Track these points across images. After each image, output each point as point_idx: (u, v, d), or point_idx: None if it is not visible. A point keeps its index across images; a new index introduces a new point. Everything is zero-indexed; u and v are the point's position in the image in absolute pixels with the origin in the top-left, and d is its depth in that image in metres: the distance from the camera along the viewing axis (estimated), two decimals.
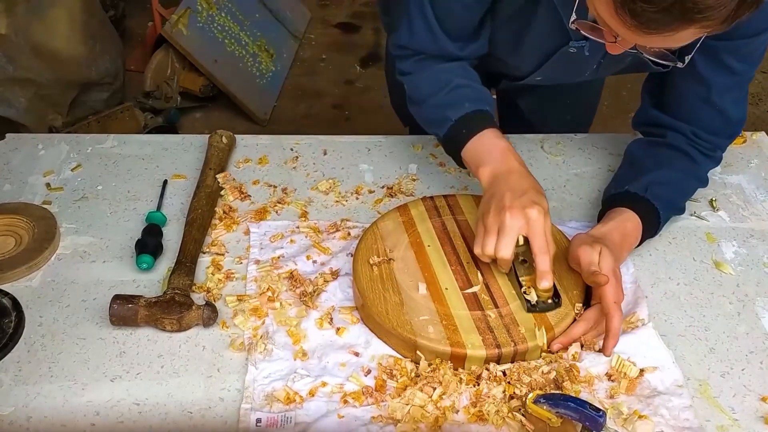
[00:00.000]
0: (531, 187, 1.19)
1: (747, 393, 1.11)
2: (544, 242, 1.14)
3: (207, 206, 1.38)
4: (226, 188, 1.45)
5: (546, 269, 1.13)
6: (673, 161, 1.34)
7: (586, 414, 1.00)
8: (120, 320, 1.16)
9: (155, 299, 1.18)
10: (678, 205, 1.36)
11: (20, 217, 1.34)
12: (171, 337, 1.17)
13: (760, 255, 1.36)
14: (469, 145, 1.29)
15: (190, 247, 1.29)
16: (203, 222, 1.35)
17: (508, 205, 1.15)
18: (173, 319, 1.16)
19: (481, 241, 1.17)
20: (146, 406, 1.07)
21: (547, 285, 1.14)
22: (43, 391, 1.09)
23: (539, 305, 1.15)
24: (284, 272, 1.28)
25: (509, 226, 1.14)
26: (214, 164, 1.48)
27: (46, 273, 1.28)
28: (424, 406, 1.06)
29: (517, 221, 1.14)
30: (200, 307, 1.17)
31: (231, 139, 1.56)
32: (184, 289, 1.21)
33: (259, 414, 1.06)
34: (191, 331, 1.18)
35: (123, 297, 1.17)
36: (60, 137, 1.60)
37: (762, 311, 1.25)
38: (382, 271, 1.23)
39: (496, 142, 1.28)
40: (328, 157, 1.57)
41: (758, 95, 3.95)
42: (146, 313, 1.16)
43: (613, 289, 1.14)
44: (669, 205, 1.32)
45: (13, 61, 2.96)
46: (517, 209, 1.14)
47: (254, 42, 3.89)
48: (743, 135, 1.63)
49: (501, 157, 1.25)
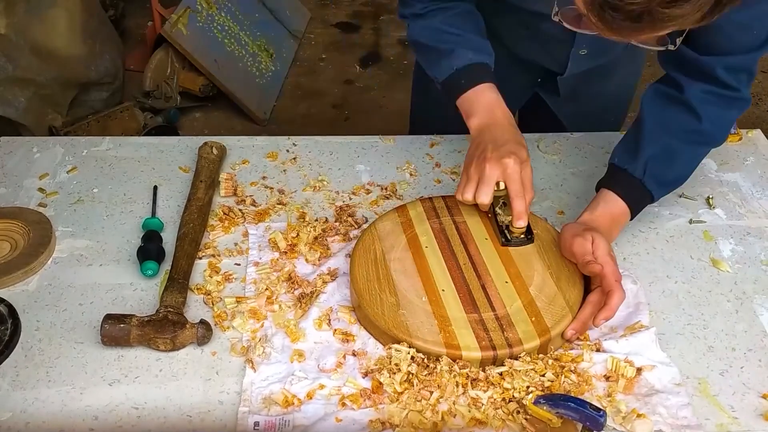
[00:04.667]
0: (511, 139, 1.29)
1: (746, 391, 1.11)
2: (519, 187, 1.26)
3: (198, 220, 1.35)
4: (222, 184, 1.46)
5: (521, 210, 1.26)
6: (681, 128, 1.30)
7: (586, 414, 1.00)
8: (112, 341, 1.14)
9: (148, 318, 1.15)
10: (676, 179, 1.35)
11: (15, 221, 1.34)
12: None
13: (757, 252, 1.35)
14: (465, 96, 1.37)
15: (183, 263, 1.27)
16: (195, 236, 1.32)
17: (489, 156, 1.26)
18: (167, 338, 1.13)
19: (462, 188, 1.29)
20: (145, 410, 1.07)
21: (522, 224, 1.27)
22: (41, 396, 1.09)
23: (513, 240, 1.28)
24: (283, 274, 1.28)
25: (488, 175, 1.25)
26: (204, 176, 1.45)
27: (43, 277, 1.28)
28: (422, 411, 1.06)
29: (495, 170, 1.25)
30: (194, 325, 1.15)
31: (221, 150, 1.53)
32: (177, 306, 1.18)
33: (257, 417, 1.06)
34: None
35: (114, 316, 1.15)
36: (55, 140, 1.60)
37: (760, 308, 1.24)
38: (379, 272, 1.23)
39: (488, 96, 1.36)
40: (324, 158, 1.57)
41: (758, 95, 3.95)
42: (139, 333, 1.13)
43: (611, 269, 1.18)
44: (666, 183, 1.32)
45: (13, 61, 2.96)
46: (495, 159, 1.25)
47: (254, 42, 3.89)
48: (739, 133, 1.63)
49: (489, 110, 1.35)
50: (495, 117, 1.33)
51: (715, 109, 1.28)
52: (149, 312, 1.20)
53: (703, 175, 1.53)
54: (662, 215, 1.43)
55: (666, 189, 1.34)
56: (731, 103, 1.30)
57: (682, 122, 1.29)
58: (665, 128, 1.30)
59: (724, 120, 1.32)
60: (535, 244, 1.28)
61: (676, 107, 1.30)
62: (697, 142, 1.32)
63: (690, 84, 1.28)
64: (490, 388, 1.08)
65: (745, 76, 1.29)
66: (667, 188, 1.34)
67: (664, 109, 1.31)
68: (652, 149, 1.29)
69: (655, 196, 1.31)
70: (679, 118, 1.30)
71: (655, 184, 1.29)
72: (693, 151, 1.33)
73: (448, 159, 1.57)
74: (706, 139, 1.32)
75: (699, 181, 1.52)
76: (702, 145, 1.33)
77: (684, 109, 1.29)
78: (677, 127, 1.29)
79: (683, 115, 1.29)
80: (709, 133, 1.30)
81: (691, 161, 1.34)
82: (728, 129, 1.34)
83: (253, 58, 3.83)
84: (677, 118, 1.30)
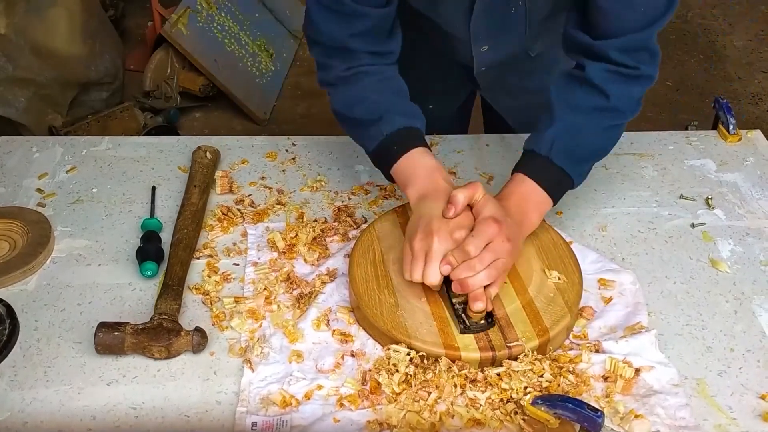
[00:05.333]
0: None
1: (744, 392, 1.11)
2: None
3: (193, 225, 1.34)
4: (218, 181, 1.46)
5: (478, 291, 1.11)
6: (589, 106, 1.28)
7: (584, 414, 1.00)
8: (106, 349, 1.13)
9: (142, 326, 1.14)
10: (590, 154, 1.31)
11: (14, 221, 1.34)
12: None
13: (756, 253, 1.35)
14: (399, 163, 1.27)
15: (177, 270, 1.25)
16: (189, 242, 1.31)
17: (435, 229, 1.13)
18: (161, 346, 1.12)
19: (409, 267, 1.14)
20: (143, 410, 1.07)
21: (480, 306, 1.10)
22: (39, 395, 1.09)
23: (472, 326, 1.12)
24: (281, 274, 1.28)
25: (436, 251, 1.12)
26: (198, 181, 1.44)
27: (41, 277, 1.28)
28: (420, 411, 1.06)
29: (444, 245, 1.12)
30: (189, 332, 1.14)
31: (215, 154, 1.52)
32: (171, 314, 1.17)
33: (255, 417, 1.05)
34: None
35: (108, 324, 1.14)
36: (54, 140, 1.60)
37: (759, 309, 1.24)
38: (378, 273, 1.22)
39: (425, 161, 1.26)
40: (324, 158, 1.57)
41: (758, 95, 3.95)
42: (133, 341, 1.12)
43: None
44: (577, 158, 1.28)
45: (13, 61, 2.96)
46: (443, 233, 1.13)
47: (254, 42, 3.89)
48: (738, 133, 1.63)
49: (429, 176, 1.24)
50: (437, 183, 1.22)
51: (620, 86, 1.26)
52: (148, 312, 1.20)
53: (703, 176, 1.53)
54: (661, 216, 1.43)
55: (581, 165, 1.29)
56: (634, 81, 1.28)
57: (589, 101, 1.27)
58: (573, 108, 1.27)
59: (630, 96, 1.29)
60: (534, 244, 1.27)
61: (583, 88, 1.28)
62: (605, 117, 1.29)
63: (591, 65, 1.26)
64: (488, 388, 1.08)
65: (644, 54, 1.27)
66: (580, 164, 1.29)
67: (573, 91, 1.29)
68: (557, 127, 1.25)
69: (569, 172, 1.26)
70: (586, 98, 1.27)
71: (564, 158, 1.25)
72: (601, 125, 1.29)
73: (447, 159, 1.57)
74: (615, 115, 1.29)
75: (698, 182, 1.52)
76: (611, 119, 1.30)
77: (590, 89, 1.27)
78: (585, 105, 1.27)
79: (590, 95, 1.27)
80: (617, 108, 1.28)
81: (602, 134, 1.31)
82: (637, 104, 1.31)
83: (253, 58, 3.84)
84: (585, 98, 1.27)
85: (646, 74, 1.28)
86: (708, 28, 4.52)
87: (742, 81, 4.08)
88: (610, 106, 1.26)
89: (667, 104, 3.80)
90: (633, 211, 1.44)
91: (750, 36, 4.48)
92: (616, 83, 1.26)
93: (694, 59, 4.24)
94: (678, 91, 3.95)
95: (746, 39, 4.45)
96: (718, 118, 1.66)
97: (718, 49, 4.35)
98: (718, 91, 3.88)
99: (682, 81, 4.02)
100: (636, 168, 1.55)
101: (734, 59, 4.26)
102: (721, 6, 4.72)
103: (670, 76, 4.02)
